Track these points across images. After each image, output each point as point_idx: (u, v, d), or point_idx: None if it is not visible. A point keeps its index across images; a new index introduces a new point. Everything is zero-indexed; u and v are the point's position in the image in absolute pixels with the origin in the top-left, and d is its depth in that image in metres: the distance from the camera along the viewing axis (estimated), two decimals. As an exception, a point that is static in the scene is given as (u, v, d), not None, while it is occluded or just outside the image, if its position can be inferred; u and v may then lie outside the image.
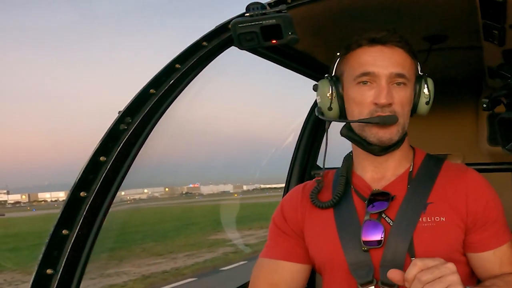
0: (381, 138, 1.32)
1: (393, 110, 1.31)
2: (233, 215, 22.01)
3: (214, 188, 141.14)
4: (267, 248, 1.48)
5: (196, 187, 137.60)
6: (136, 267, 14.25)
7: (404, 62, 1.34)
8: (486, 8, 1.41)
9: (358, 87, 1.34)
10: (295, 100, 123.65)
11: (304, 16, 1.61)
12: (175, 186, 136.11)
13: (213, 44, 1.46)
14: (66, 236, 1.10)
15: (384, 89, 1.30)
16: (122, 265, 14.60)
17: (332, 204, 1.38)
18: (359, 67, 1.34)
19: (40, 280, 1.05)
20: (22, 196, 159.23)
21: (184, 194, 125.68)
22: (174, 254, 16.40)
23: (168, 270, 13.65)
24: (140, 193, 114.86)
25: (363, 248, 1.31)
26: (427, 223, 1.31)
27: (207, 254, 16.04)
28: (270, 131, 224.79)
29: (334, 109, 1.39)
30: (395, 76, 1.32)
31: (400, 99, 1.32)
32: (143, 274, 13.29)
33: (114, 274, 13.25)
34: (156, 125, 1.29)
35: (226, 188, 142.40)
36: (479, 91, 2.85)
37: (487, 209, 1.33)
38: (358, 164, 1.43)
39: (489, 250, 1.34)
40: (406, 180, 1.38)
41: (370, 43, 1.34)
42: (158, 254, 16.53)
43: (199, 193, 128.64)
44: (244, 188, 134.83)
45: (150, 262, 14.98)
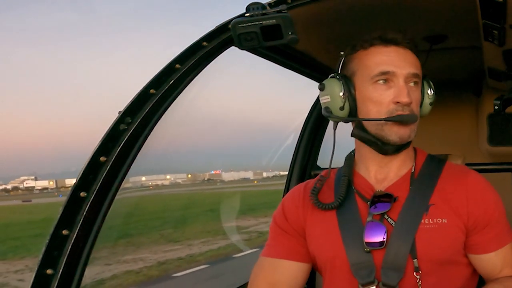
0: (402, 136, 1.32)
1: (411, 109, 1.32)
2: (250, 202, 21.88)
3: (235, 174, 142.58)
4: (267, 247, 1.48)
5: (218, 173, 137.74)
6: (153, 254, 14.34)
7: (416, 63, 1.36)
8: (486, 8, 1.41)
9: (375, 86, 1.33)
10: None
11: (304, 16, 1.61)
12: (197, 172, 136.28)
13: (213, 44, 1.46)
14: (66, 236, 1.09)
15: (404, 88, 1.31)
16: (139, 251, 14.72)
17: (335, 206, 1.37)
18: (376, 66, 1.33)
19: (40, 280, 1.05)
20: (49, 182, 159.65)
21: (206, 181, 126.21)
22: (191, 241, 16.47)
23: (183, 256, 13.78)
24: (162, 179, 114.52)
25: (365, 249, 1.31)
26: (429, 225, 1.30)
27: (222, 241, 16.03)
28: (290, 118, 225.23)
29: (345, 109, 1.37)
30: (412, 76, 1.33)
31: (416, 98, 1.34)
32: (159, 260, 13.38)
33: (130, 260, 13.35)
34: (155, 125, 1.29)
35: (246, 175, 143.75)
36: (479, 91, 2.85)
37: (488, 211, 1.33)
38: (362, 164, 1.43)
39: (491, 252, 1.33)
40: (409, 181, 1.38)
41: (384, 43, 1.34)
42: (176, 241, 16.64)
43: (220, 179, 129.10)
44: (264, 175, 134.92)
45: (167, 249, 15.08)
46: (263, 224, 19.18)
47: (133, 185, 15.33)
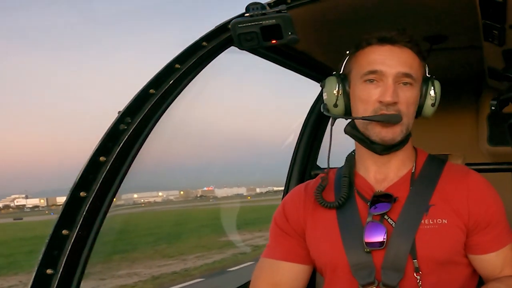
0: (383, 137, 1.32)
1: (397, 109, 1.31)
2: (244, 218, 21.93)
3: (228, 190, 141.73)
4: (268, 249, 1.48)
5: (210, 190, 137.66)
6: (147, 268, 14.39)
7: (412, 62, 1.34)
8: (486, 8, 1.41)
9: (364, 85, 1.34)
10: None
11: (304, 16, 1.61)
12: (190, 189, 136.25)
13: (213, 44, 1.45)
14: (66, 236, 1.09)
15: (390, 87, 1.30)
16: (133, 266, 14.75)
17: (337, 205, 1.37)
18: (367, 65, 1.33)
19: (40, 280, 1.05)
20: (40, 200, 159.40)
21: (198, 197, 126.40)
22: (185, 256, 16.56)
23: (177, 271, 13.79)
24: (155, 196, 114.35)
25: (366, 249, 1.31)
26: (429, 225, 1.30)
27: (216, 255, 16.18)
28: (284, 134, 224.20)
29: (339, 106, 1.39)
30: (402, 75, 1.31)
31: (406, 98, 1.32)
32: (153, 275, 13.42)
33: (125, 275, 13.38)
34: (155, 126, 1.29)
35: (239, 190, 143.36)
36: (479, 91, 2.85)
37: (488, 211, 1.33)
38: (361, 164, 1.43)
39: (491, 252, 1.33)
40: (409, 182, 1.38)
41: (380, 42, 1.34)
42: (170, 256, 16.72)
43: (213, 195, 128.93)
44: (258, 191, 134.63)
45: (161, 264, 15.13)
46: (258, 239, 19.36)
47: (125, 202, 15.17)
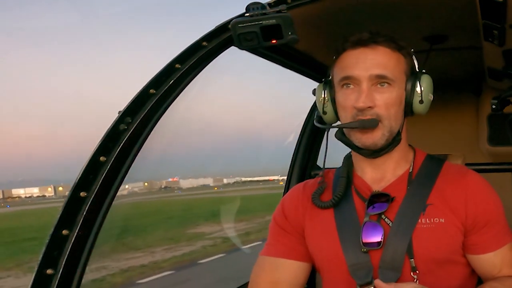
0: (364, 143, 1.31)
1: (374, 113, 1.29)
2: (212, 209, 21.74)
3: (194, 181, 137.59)
4: (267, 246, 1.48)
5: (175, 181, 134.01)
6: (115, 262, 14.15)
7: (388, 62, 1.31)
8: (486, 8, 1.41)
9: (343, 91, 1.34)
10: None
11: (304, 16, 1.61)
12: (154, 180, 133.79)
13: (213, 44, 1.46)
14: (66, 236, 1.09)
15: (363, 92, 1.28)
16: (101, 260, 14.46)
17: (332, 204, 1.38)
18: (342, 70, 1.34)
19: (40, 280, 1.05)
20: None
21: (163, 189, 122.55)
22: (153, 248, 16.34)
23: (146, 264, 13.64)
24: (122, 190, 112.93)
25: (363, 249, 1.31)
26: (426, 225, 1.30)
27: (186, 247, 15.97)
28: (253, 125, 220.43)
29: (328, 113, 1.40)
30: (376, 77, 1.29)
31: (383, 100, 1.29)
32: (122, 268, 13.26)
33: (93, 269, 13.08)
34: (155, 125, 1.29)
35: (206, 181, 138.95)
36: (479, 91, 2.85)
37: (487, 211, 1.33)
38: (358, 166, 1.43)
39: (490, 252, 1.33)
40: (406, 181, 1.38)
41: (353, 46, 1.33)
42: (137, 249, 16.45)
43: (178, 187, 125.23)
44: (225, 182, 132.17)
45: (128, 257, 14.90)
46: (228, 230, 19.06)
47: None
